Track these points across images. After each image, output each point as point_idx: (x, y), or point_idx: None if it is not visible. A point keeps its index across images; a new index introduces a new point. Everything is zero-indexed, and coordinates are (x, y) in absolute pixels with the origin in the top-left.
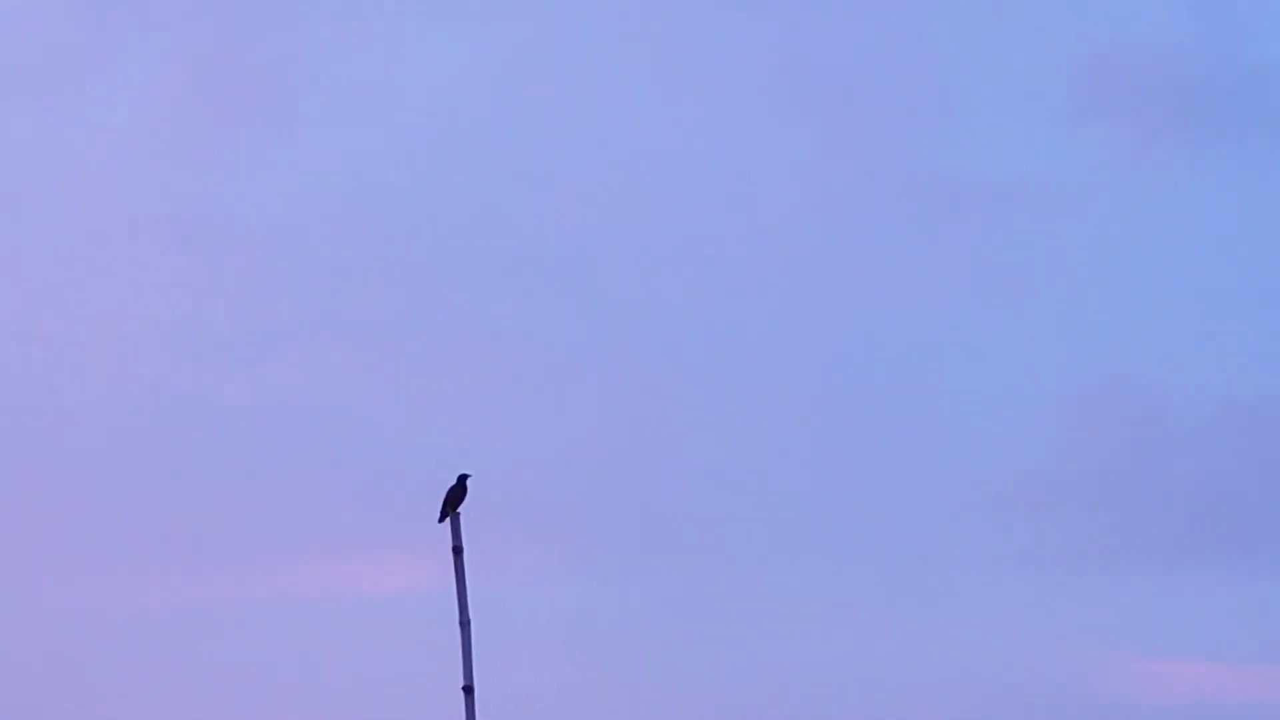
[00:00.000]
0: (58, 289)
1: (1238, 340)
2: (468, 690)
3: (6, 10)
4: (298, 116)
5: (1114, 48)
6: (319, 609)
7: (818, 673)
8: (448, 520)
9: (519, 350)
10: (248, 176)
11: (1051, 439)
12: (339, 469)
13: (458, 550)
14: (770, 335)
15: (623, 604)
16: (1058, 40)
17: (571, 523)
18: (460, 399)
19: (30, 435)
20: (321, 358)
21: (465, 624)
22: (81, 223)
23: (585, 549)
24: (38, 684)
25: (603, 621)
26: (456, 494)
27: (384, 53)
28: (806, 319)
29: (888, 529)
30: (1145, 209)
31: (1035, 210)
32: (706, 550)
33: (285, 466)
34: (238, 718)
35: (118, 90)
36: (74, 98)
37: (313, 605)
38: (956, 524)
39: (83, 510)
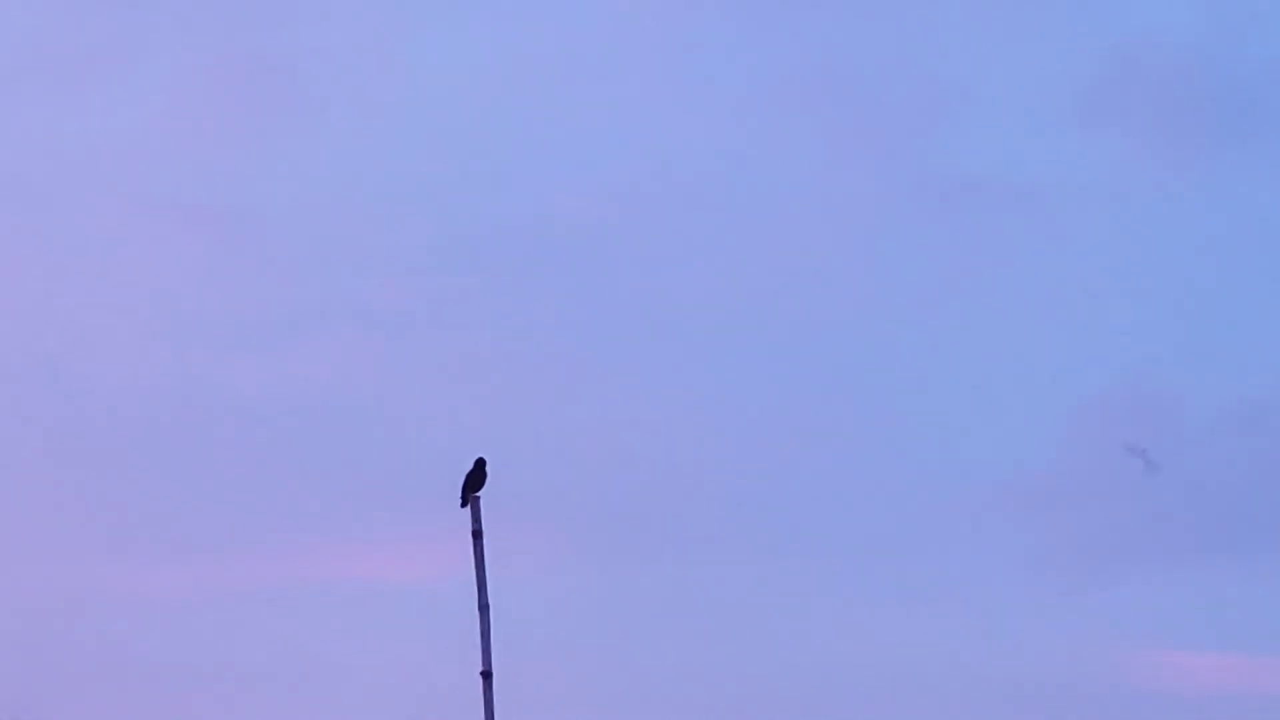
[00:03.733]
0: (77, 275)
1: (1251, 338)
2: (486, 675)
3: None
4: (317, 106)
5: (1131, 47)
6: (337, 594)
7: (835, 665)
8: (468, 505)
9: (537, 339)
10: (267, 165)
11: (1065, 436)
12: (357, 455)
13: (477, 534)
14: (783, 331)
15: (641, 591)
16: (1074, 39)
17: (590, 510)
18: (478, 386)
19: (49, 421)
20: (340, 345)
21: (484, 608)
22: (101, 210)
23: (603, 535)
24: (53, 672)
25: (621, 607)
26: (476, 478)
27: (403, 43)
28: (820, 315)
29: (900, 527)
30: (1161, 208)
31: (1050, 209)
32: (724, 541)
33: (303, 453)
34: (256, 704)
35: (139, 79)
36: (94, 86)
37: (331, 591)
38: (968, 521)
39: (99, 497)
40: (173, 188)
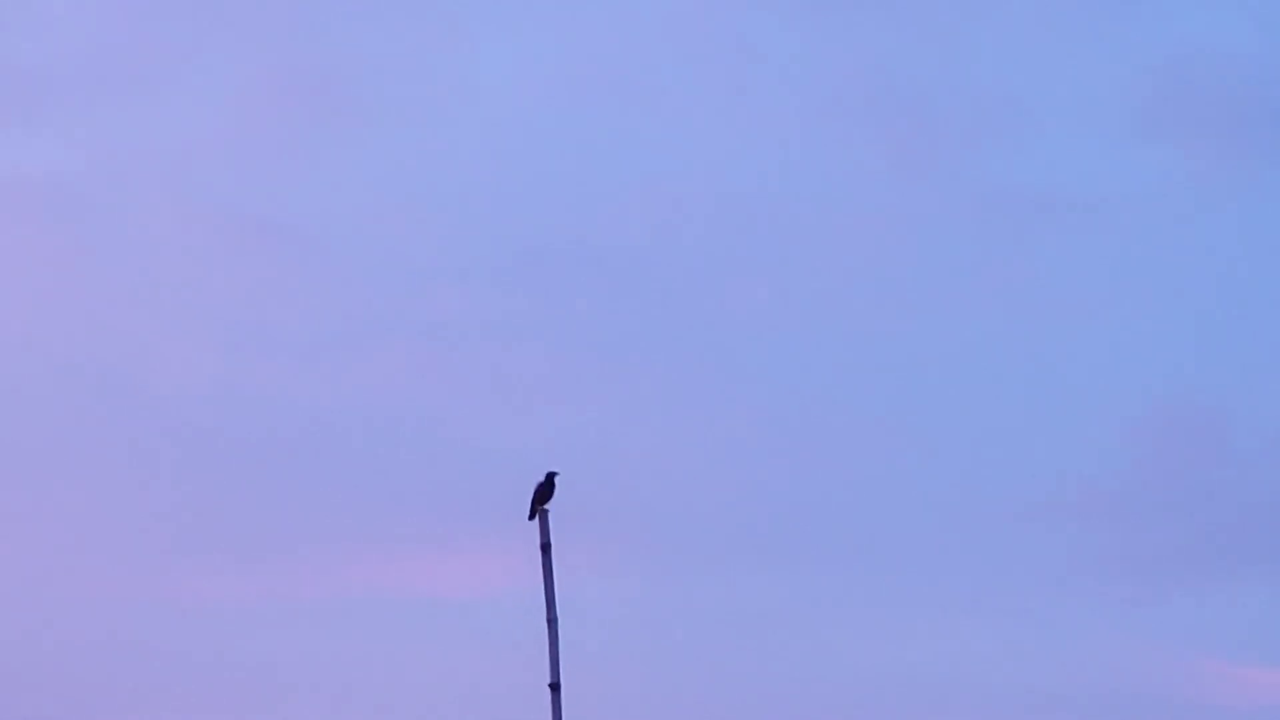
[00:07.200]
0: (135, 287)
1: None
2: (554, 687)
3: (85, 11)
4: (373, 118)
5: (1189, 60)
6: (405, 607)
7: (890, 676)
8: (535, 518)
9: (599, 351)
10: (323, 177)
11: (1119, 449)
12: (422, 468)
13: (545, 547)
14: (840, 344)
15: (709, 603)
16: (1132, 53)
17: (657, 523)
18: (543, 399)
19: (108, 431)
20: (401, 356)
21: (552, 621)
22: (159, 221)
23: (670, 548)
24: (110, 681)
25: (689, 620)
26: (545, 491)
27: (458, 54)
28: (875, 329)
29: (957, 540)
30: (1216, 224)
31: (1107, 223)
32: (789, 553)
33: (369, 465)
34: (324, 716)
35: (195, 90)
36: (151, 97)
37: (399, 603)
38: (1020, 533)
39: (158, 507)
40: (233, 200)
